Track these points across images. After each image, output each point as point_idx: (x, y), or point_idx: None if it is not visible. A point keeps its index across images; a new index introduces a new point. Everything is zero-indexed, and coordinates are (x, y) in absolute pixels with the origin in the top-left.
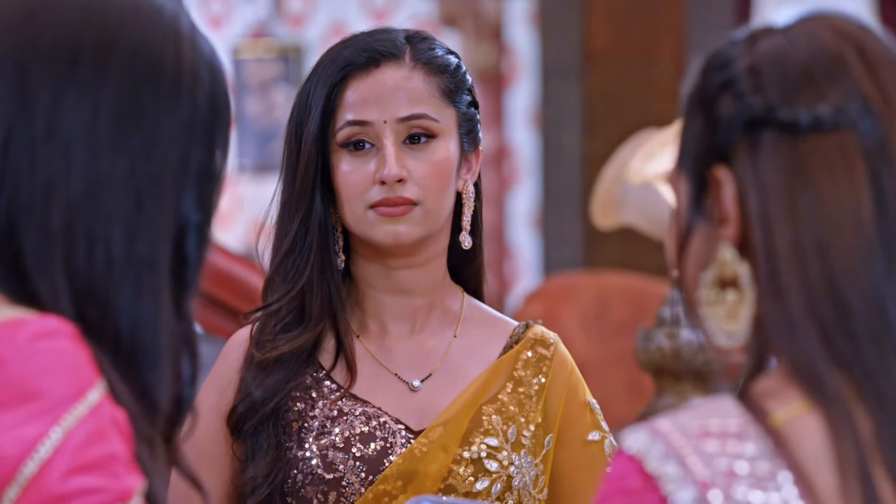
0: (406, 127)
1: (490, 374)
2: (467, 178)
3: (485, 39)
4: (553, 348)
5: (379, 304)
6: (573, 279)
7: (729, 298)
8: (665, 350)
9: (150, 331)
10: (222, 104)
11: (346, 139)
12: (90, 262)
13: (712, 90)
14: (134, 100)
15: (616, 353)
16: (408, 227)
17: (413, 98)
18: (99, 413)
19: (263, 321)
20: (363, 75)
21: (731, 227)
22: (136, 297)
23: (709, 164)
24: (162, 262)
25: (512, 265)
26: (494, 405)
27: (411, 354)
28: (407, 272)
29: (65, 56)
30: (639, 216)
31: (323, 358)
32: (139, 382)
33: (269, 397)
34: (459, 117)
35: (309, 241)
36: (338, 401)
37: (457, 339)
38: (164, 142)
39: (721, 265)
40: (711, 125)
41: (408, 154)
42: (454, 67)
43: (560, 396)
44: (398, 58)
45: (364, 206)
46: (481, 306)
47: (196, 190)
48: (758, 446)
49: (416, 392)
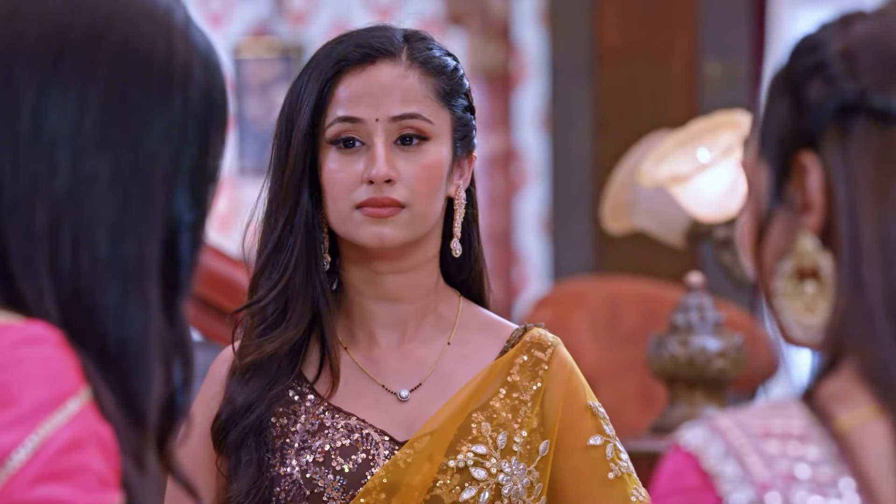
0: (398, 126)
1: (482, 380)
2: (459, 183)
3: (492, 38)
4: (550, 351)
5: (367, 312)
6: (583, 285)
7: (807, 290)
8: (678, 358)
9: (138, 335)
10: (218, 101)
11: (336, 136)
12: (75, 263)
13: (801, 73)
14: (121, 96)
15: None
16: (393, 229)
17: (407, 97)
18: (78, 423)
19: (245, 328)
20: (357, 71)
21: (815, 216)
22: (123, 300)
23: (794, 149)
24: (151, 264)
25: (520, 271)
26: (486, 412)
27: (400, 364)
28: (394, 278)
29: (50, 51)
30: (651, 220)
31: (307, 371)
32: (125, 388)
33: (252, 403)
34: (454, 121)
35: (294, 239)
36: (320, 414)
37: (451, 346)
38: (153, 139)
39: (801, 255)
40: (799, 109)
41: (398, 155)
42: (451, 69)
43: (558, 401)
44: (394, 56)
45: (350, 206)
46: (479, 311)
47: (189, 189)
48: (821, 450)
49: (405, 403)
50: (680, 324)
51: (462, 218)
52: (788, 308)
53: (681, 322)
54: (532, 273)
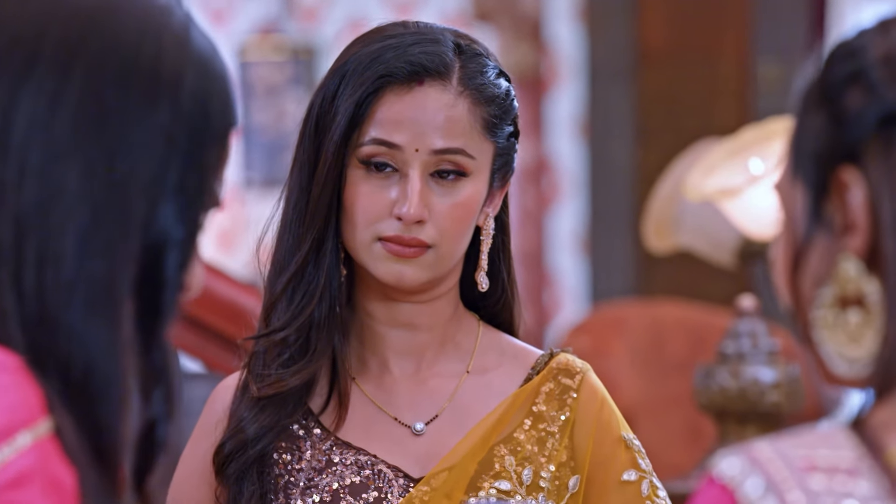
0: (438, 160)
1: (505, 411)
2: (488, 211)
3: (523, 37)
4: (579, 378)
5: (380, 337)
6: (623, 310)
7: (851, 320)
8: (728, 390)
9: (104, 360)
10: (215, 110)
11: (368, 157)
12: (40, 282)
13: (838, 82)
14: (98, 101)
15: (672, 394)
16: (415, 270)
17: (453, 130)
18: (26, 458)
19: (262, 352)
20: (402, 91)
21: (859, 237)
22: (88, 322)
23: (833, 165)
24: (121, 284)
25: (553, 294)
26: (509, 445)
27: (415, 394)
28: (411, 306)
29: (24, 52)
30: (698, 238)
31: (313, 402)
32: (92, 421)
33: (261, 436)
34: (496, 151)
35: (321, 264)
36: (328, 449)
37: (470, 374)
38: (132, 149)
39: (843, 281)
40: (836, 121)
41: (432, 189)
42: (503, 95)
43: (589, 433)
44: (445, 78)
45: (372, 236)
46: (501, 336)
47: (177, 204)
48: (871, 486)
49: (420, 436)
50: (730, 352)
51: (489, 248)
52: (830, 340)
53: (731, 350)
54: (566, 297)
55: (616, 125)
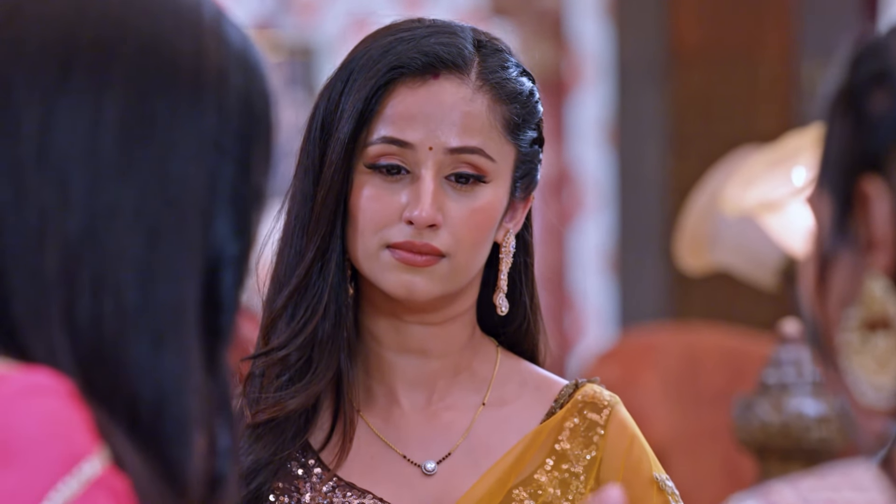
0: (454, 161)
1: (525, 449)
2: (509, 227)
3: (544, 35)
4: (607, 412)
5: (388, 365)
6: (655, 336)
7: (879, 344)
8: (770, 424)
9: (177, 395)
10: (261, 108)
11: (377, 158)
12: (96, 313)
13: (863, 85)
14: (143, 110)
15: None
16: (427, 281)
17: (470, 126)
18: (97, 491)
19: (259, 375)
20: (416, 84)
21: (884, 254)
22: (158, 355)
23: (855, 175)
24: (189, 309)
25: (575, 318)
26: (529, 488)
27: (426, 430)
28: (422, 329)
29: (56, 59)
30: (736, 256)
31: (314, 437)
32: (164, 460)
33: (258, 469)
34: (518, 156)
35: (325, 275)
36: (329, 491)
37: (486, 407)
38: (183, 160)
39: (869, 302)
40: (861, 128)
41: (448, 193)
42: (526, 95)
43: (617, 473)
44: (462, 71)
45: (380, 244)
46: (521, 363)
47: (231, 216)
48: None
49: (431, 477)
50: (772, 383)
51: (508, 267)
52: (857, 365)
53: (773, 381)
54: (591, 320)
55: (646, 131)
